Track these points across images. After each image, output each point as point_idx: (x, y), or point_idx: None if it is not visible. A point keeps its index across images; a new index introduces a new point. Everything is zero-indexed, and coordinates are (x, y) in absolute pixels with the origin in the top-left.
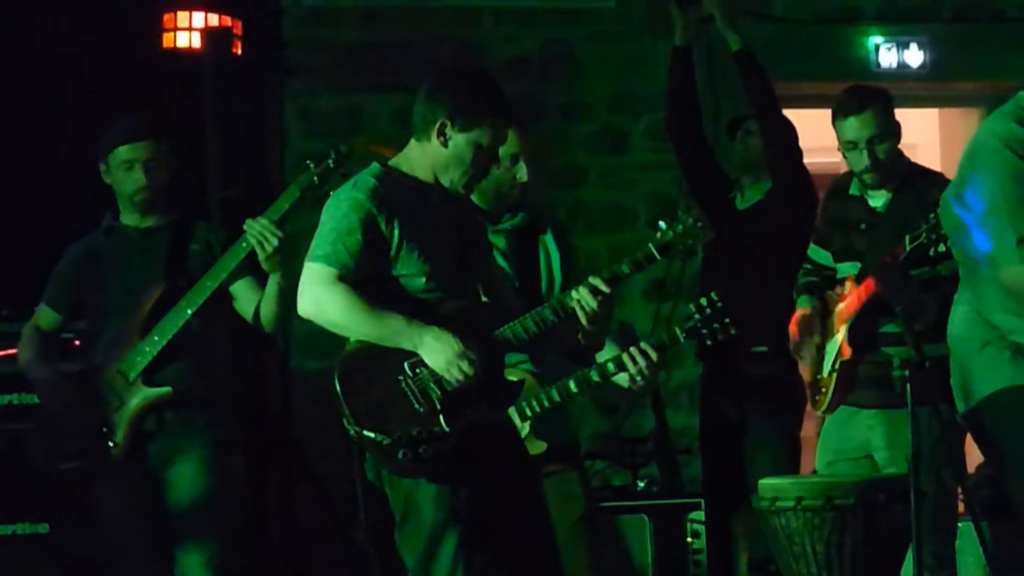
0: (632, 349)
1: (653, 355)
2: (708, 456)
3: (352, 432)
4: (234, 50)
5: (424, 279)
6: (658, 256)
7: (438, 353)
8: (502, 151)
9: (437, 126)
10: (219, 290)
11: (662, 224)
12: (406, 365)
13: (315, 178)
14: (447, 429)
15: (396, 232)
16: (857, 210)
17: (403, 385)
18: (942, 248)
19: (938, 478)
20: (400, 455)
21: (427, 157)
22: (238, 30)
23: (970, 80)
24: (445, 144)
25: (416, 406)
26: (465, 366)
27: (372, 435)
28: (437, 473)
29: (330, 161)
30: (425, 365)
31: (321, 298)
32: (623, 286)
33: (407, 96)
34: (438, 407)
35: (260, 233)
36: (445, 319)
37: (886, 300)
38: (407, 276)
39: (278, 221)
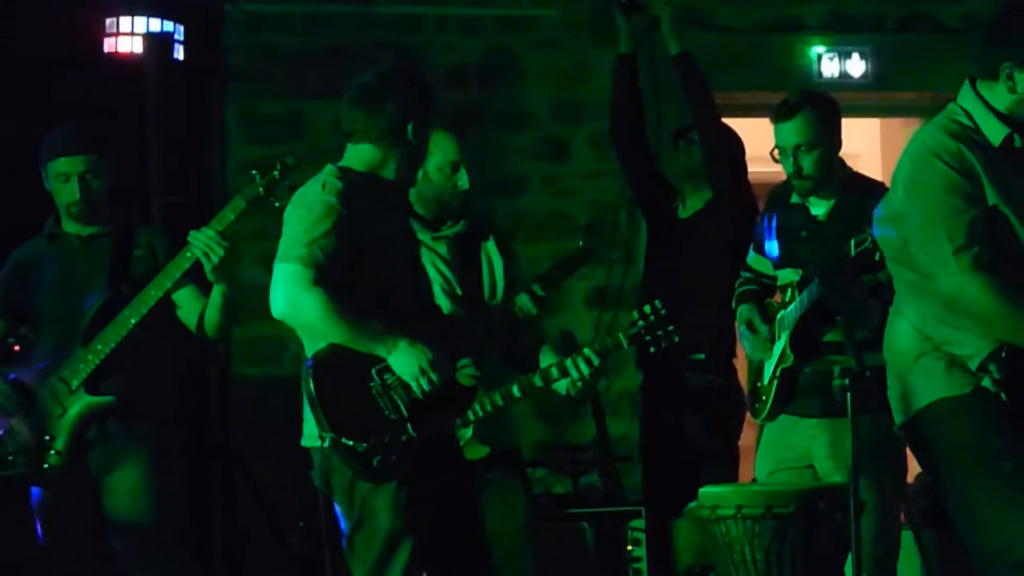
0: (576, 355)
1: (596, 361)
2: (648, 464)
3: (327, 440)
4: (176, 55)
5: (383, 282)
6: (585, 260)
7: (410, 363)
8: (442, 159)
9: (408, 127)
10: (162, 299)
11: (582, 229)
12: (374, 371)
13: (261, 189)
14: (414, 435)
15: (362, 235)
16: (798, 218)
17: (373, 392)
18: (884, 274)
19: (879, 487)
20: (375, 462)
21: (391, 158)
22: (180, 35)
23: (912, 90)
24: (415, 141)
25: (387, 412)
26: (433, 376)
27: (349, 443)
28: (401, 480)
29: (276, 172)
30: (391, 371)
31: (298, 300)
32: (564, 293)
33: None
34: (406, 413)
35: (206, 244)
36: (404, 323)
37: (830, 305)
38: (373, 279)
39: (223, 232)
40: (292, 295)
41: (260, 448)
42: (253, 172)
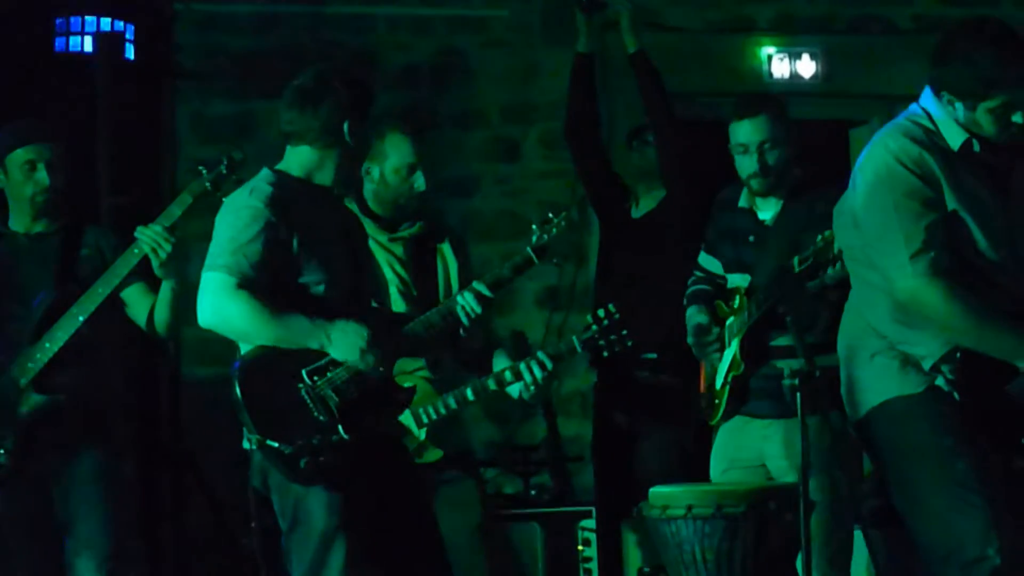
0: (529, 359)
1: (549, 365)
2: (600, 464)
3: (253, 441)
4: (126, 55)
5: (324, 286)
6: (536, 259)
7: (348, 345)
8: (399, 161)
9: (344, 127)
10: (111, 296)
11: (535, 228)
12: (304, 373)
13: (208, 184)
14: (346, 436)
15: (295, 240)
16: (746, 222)
17: (303, 393)
18: (830, 271)
19: (830, 487)
20: (302, 464)
21: (328, 160)
22: (130, 35)
23: (862, 92)
24: (352, 142)
25: (316, 414)
26: (374, 356)
27: (275, 444)
28: (334, 481)
29: (223, 167)
30: (323, 372)
31: (222, 307)
32: (515, 294)
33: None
34: (336, 415)
35: (153, 240)
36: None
37: (778, 308)
38: (305, 283)
39: (170, 227)
40: (217, 304)
41: (211, 449)
42: (200, 167)
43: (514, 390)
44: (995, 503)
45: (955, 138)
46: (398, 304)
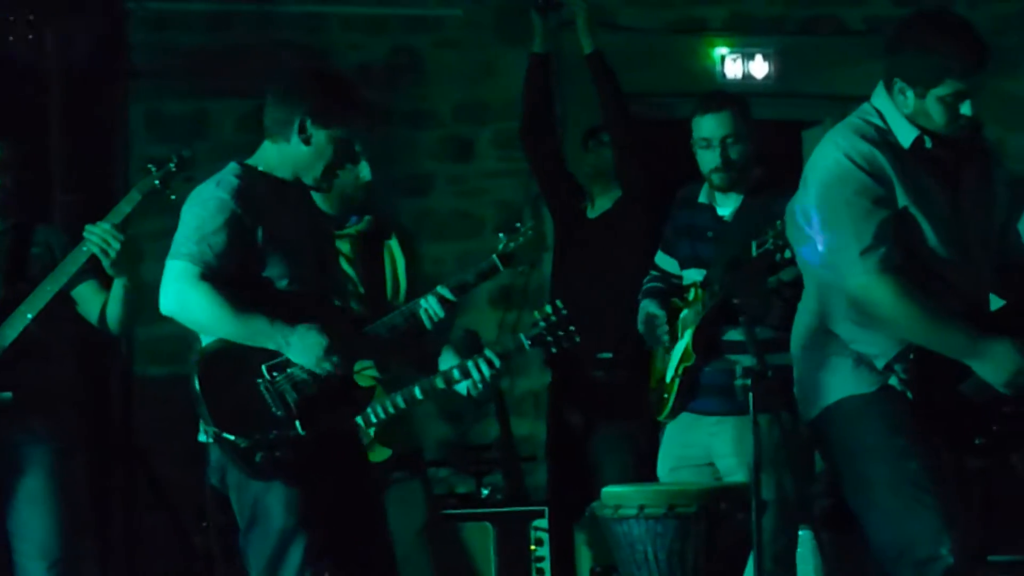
0: (477, 357)
1: (497, 363)
2: (554, 464)
3: (210, 434)
4: (79, 53)
5: (287, 281)
6: (501, 267)
7: (307, 350)
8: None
9: (297, 124)
10: (62, 294)
11: (502, 236)
12: (264, 368)
13: (157, 182)
14: (303, 433)
15: (259, 233)
16: (705, 218)
17: (261, 388)
18: (788, 254)
19: (779, 486)
20: (258, 458)
21: (286, 157)
22: (84, 33)
23: (815, 92)
24: (307, 142)
25: (274, 409)
26: (335, 360)
27: (231, 437)
28: (291, 477)
29: (172, 165)
30: (282, 368)
31: (185, 296)
32: (469, 293)
33: (254, 101)
34: (294, 411)
35: (101, 239)
36: (306, 322)
37: (733, 303)
38: (269, 277)
39: (120, 224)
40: (180, 292)
41: (164, 448)
42: (149, 165)
43: (463, 388)
44: (948, 502)
45: (906, 135)
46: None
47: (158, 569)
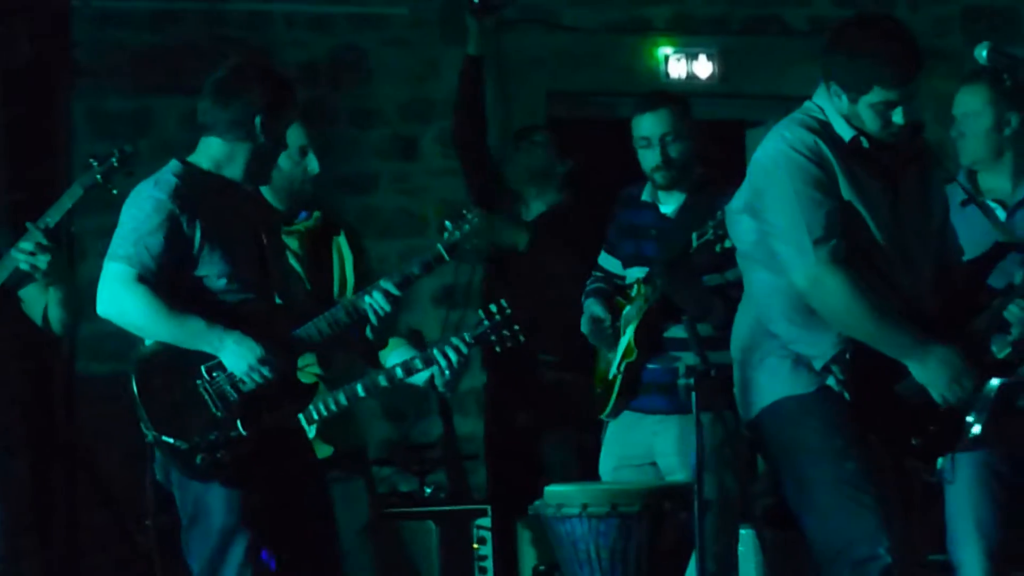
0: (444, 344)
1: (465, 350)
2: (493, 463)
3: (150, 437)
4: (22, 50)
5: (225, 280)
6: (447, 257)
7: (239, 358)
8: (291, 144)
9: (255, 122)
10: (3, 292)
11: (448, 224)
12: (203, 368)
13: (99, 177)
14: (244, 433)
15: (198, 232)
16: (648, 216)
17: (200, 389)
18: (728, 244)
19: (721, 485)
20: (198, 460)
21: (237, 153)
22: (26, 30)
23: (759, 92)
24: (263, 138)
25: (214, 410)
26: (266, 370)
27: (170, 440)
28: (232, 477)
29: (114, 160)
30: (222, 368)
31: (121, 299)
32: (411, 292)
33: (198, 99)
34: (235, 411)
35: (28, 254)
36: (243, 320)
37: (673, 301)
38: (208, 276)
39: (54, 230)
40: (116, 295)
41: (106, 446)
42: (91, 160)
43: (421, 379)
44: (886, 502)
45: (845, 132)
46: None
47: (101, 568)
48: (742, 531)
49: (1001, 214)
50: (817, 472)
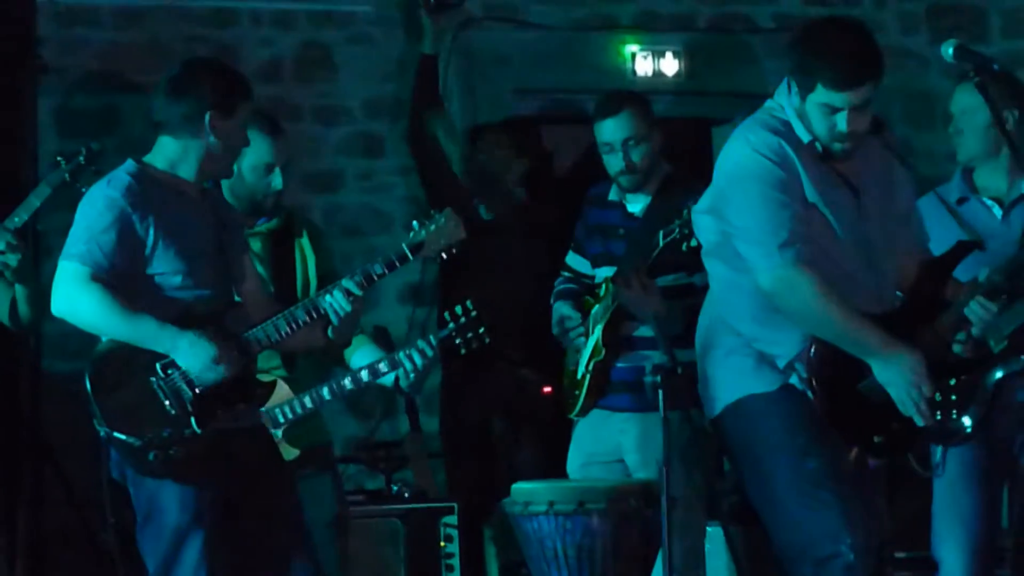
0: (410, 348)
1: (430, 352)
2: (454, 461)
3: (102, 433)
4: None
5: (180, 277)
6: (411, 256)
7: (193, 358)
8: (256, 160)
9: (204, 119)
10: None
11: (415, 223)
12: (158, 366)
13: (66, 176)
14: (198, 430)
15: (151, 230)
16: (615, 216)
17: (155, 386)
18: (695, 243)
19: (687, 482)
20: (151, 456)
21: (190, 151)
22: None
23: (725, 90)
24: (213, 135)
25: (168, 407)
26: (220, 370)
27: (122, 437)
28: (186, 474)
29: (81, 158)
30: (177, 366)
31: (74, 298)
32: (377, 290)
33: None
34: (189, 408)
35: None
36: (198, 318)
37: (631, 311)
38: (163, 274)
39: (21, 230)
40: (69, 294)
41: (71, 443)
42: (58, 158)
43: (389, 379)
44: (848, 500)
45: (803, 135)
46: None
47: (66, 566)
48: (710, 528)
49: (997, 212)
50: (779, 470)
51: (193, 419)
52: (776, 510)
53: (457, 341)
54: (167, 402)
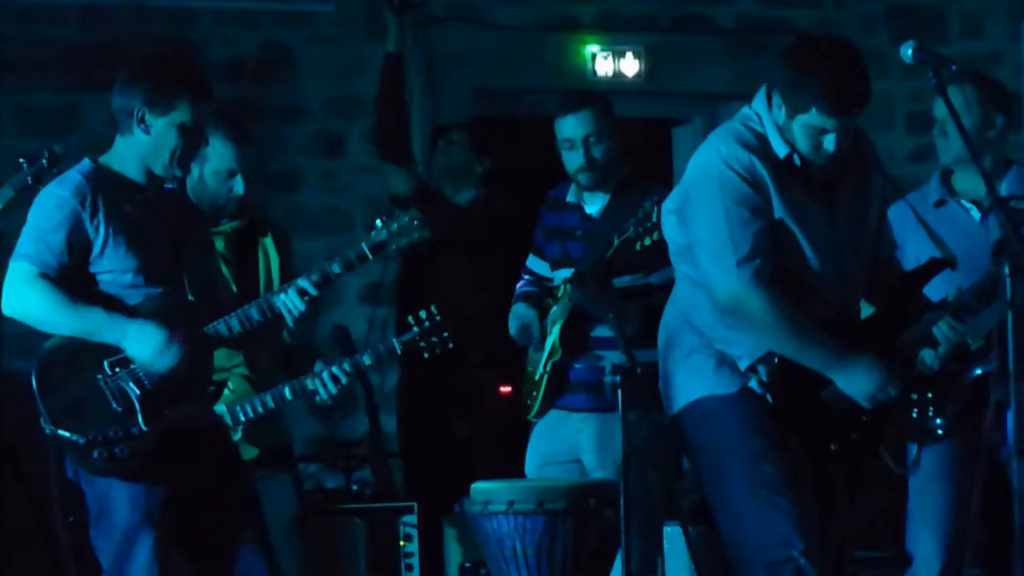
0: (335, 367)
1: (344, 378)
2: (412, 461)
3: (48, 431)
4: None
5: (131, 275)
6: (370, 255)
7: (142, 344)
8: (218, 166)
9: (136, 116)
10: None
11: (378, 222)
12: (106, 364)
13: (29, 179)
14: (145, 428)
15: (102, 228)
16: (573, 218)
17: (101, 383)
18: (648, 242)
19: (645, 483)
20: (95, 454)
21: (133, 149)
22: None
23: (685, 90)
24: (147, 132)
25: (114, 405)
26: (170, 357)
27: (67, 434)
28: (133, 473)
29: (44, 160)
30: (125, 364)
31: (23, 297)
32: (338, 289)
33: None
34: (136, 406)
35: None
36: (149, 316)
37: (587, 311)
38: (112, 271)
39: None
40: (18, 292)
41: (30, 442)
42: (21, 160)
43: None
44: (803, 506)
45: (780, 147)
46: None
47: (24, 563)
48: (669, 528)
49: (976, 215)
50: (734, 473)
51: (140, 417)
52: (730, 513)
53: (421, 345)
54: (112, 400)
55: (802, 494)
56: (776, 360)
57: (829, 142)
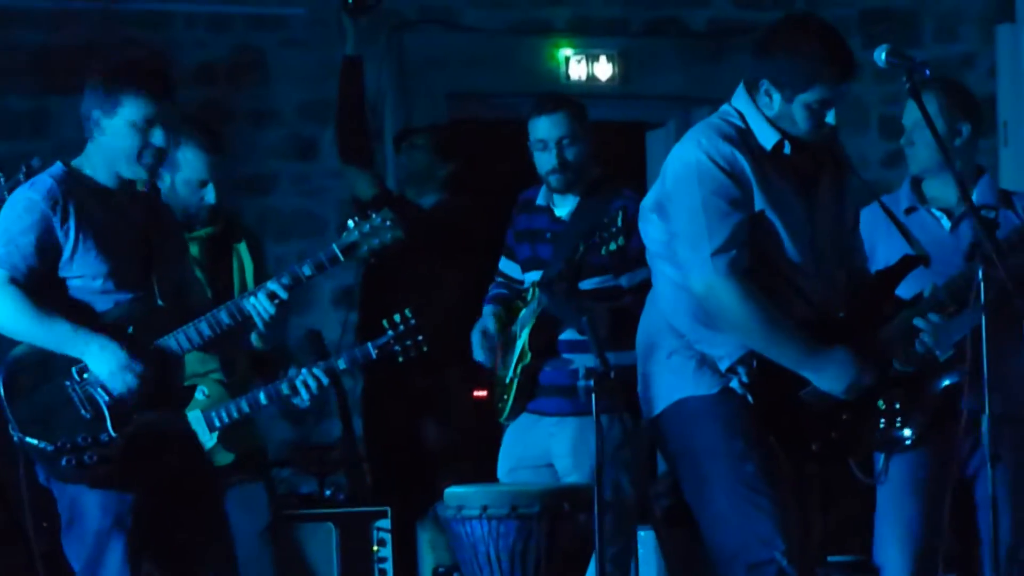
0: (301, 377)
1: (325, 381)
2: (380, 465)
3: (15, 438)
4: None
5: (101, 280)
6: (341, 257)
7: (103, 363)
8: (190, 175)
9: (92, 121)
10: None
11: (350, 223)
12: (74, 370)
13: (5, 192)
14: (114, 435)
15: (72, 232)
16: (543, 220)
17: (70, 390)
18: (613, 246)
19: (617, 487)
20: (64, 462)
21: (98, 152)
22: None
23: (659, 94)
24: (104, 133)
25: (82, 411)
26: (130, 377)
27: (35, 442)
28: (102, 479)
29: (21, 175)
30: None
31: None
32: (311, 292)
33: None
34: (105, 413)
35: None
36: (117, 321)
37: (556, 315)
38: (83, 276)
39: None
40: None
41: (4, 448)
42: None
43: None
44: (784, 506)
45: (768, 138)
46: None
47: (4, 570)
48: (643, 532)
49: (946, 223)
50: (715, 474)
51: (109, 423)
52: (711, 514)
53: (396, 349)
54: (81, 407)
55: (783, 495)
56: (755, 361)
57: (831, 115)
